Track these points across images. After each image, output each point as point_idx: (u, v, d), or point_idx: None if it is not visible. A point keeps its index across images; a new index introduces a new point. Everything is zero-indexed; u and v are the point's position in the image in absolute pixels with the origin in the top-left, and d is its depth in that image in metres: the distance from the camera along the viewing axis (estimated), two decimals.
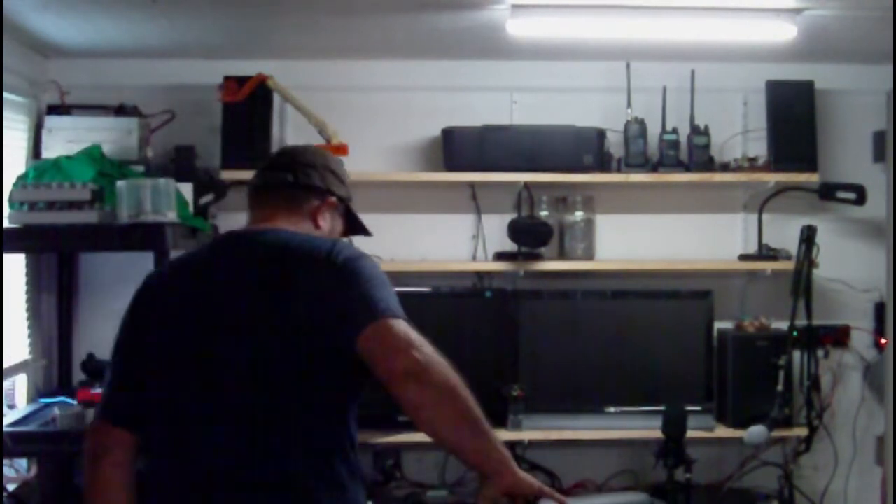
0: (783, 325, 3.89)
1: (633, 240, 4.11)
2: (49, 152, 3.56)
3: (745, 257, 4.10)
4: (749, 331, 3.94)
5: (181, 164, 3.71)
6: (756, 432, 3.74)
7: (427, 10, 3.28)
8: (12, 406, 3.62)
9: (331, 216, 2.23)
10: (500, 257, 4.00)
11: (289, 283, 2.01)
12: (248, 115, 3.78)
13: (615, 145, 3.99)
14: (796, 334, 3.88)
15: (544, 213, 4.02)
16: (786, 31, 3.35)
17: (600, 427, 3.87)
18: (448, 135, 3.91)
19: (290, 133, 3.97)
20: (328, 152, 2.37)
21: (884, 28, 3.26)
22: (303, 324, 1.97)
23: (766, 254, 4.04)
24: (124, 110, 3.73)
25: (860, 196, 4.00)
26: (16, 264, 3.60)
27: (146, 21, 3.36)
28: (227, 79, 3.76)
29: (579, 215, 4.02)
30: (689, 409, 3.63)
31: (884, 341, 4.02)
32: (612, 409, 3.89)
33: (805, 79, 4.00)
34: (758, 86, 4.03)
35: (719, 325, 3.99)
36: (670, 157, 3.94)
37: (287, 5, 3.20)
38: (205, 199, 3.69)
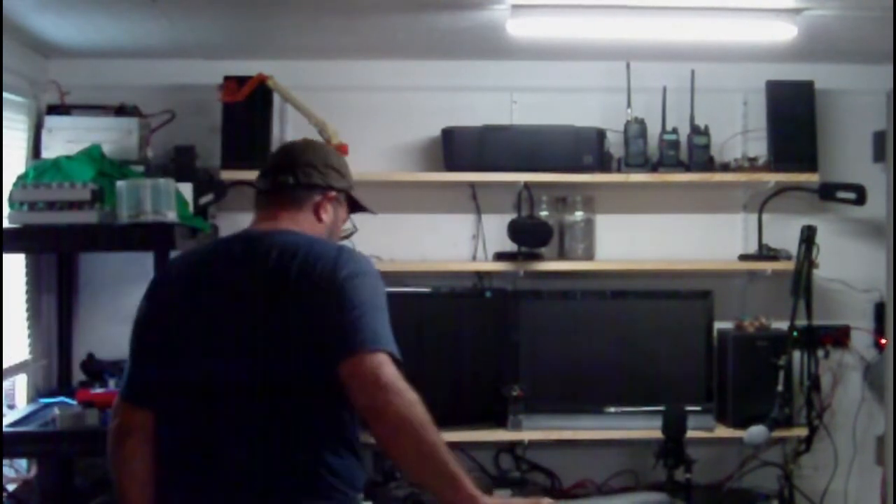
0: (783, 326, 3.89)
1: (633, 240, 4.11)
2: (49, 152, 3.57)
3: (745, 257, 4.10)
4: (749, 331, 3.93)
5: (181, 164, 3.72)
6: (756, 432, 3.73)
7: (427, 10, 3.27)
8: (12, 406, 3.61)
9: (332, 208, 2.32)
10: (499, 257, 4.00)
11: (291, 293, 2.08)
12: (248, 115, 3.78)
13: (615, 145, 3.99)
14: (796, 334, 3.88)
15: (544, 213, 4.02)
16: (786, 31, 3.35)
17: (600, 427, 3.86)
18: (448, 135, 3.91)
19: (290, 133, 3.96)
20: (328, 147, 2.46)
21: (884, 28, 3.26)
22: (300, 335, 2.06)
23: (766, 254, 4.04)
24: (124, 110, 3.73)
25: (860, 196, 4.00)
26: (16, 264, 3.60)
27: (146, 21, 3.36)
28: (227, 79, 3.76)
29: (579, 215, 4.02)
30: (689, 409, 3.64)
31: (884, 341, 4.02)
32: (612, 410, 3.89)
33: (805, 79, 4.00)
34: (758, 86, 4.03)
35: (719, 325, 3.98)
36: (670, 158, 3.94)
37: (287, 5, 3.19)
38: (205, 199, 3.69)
